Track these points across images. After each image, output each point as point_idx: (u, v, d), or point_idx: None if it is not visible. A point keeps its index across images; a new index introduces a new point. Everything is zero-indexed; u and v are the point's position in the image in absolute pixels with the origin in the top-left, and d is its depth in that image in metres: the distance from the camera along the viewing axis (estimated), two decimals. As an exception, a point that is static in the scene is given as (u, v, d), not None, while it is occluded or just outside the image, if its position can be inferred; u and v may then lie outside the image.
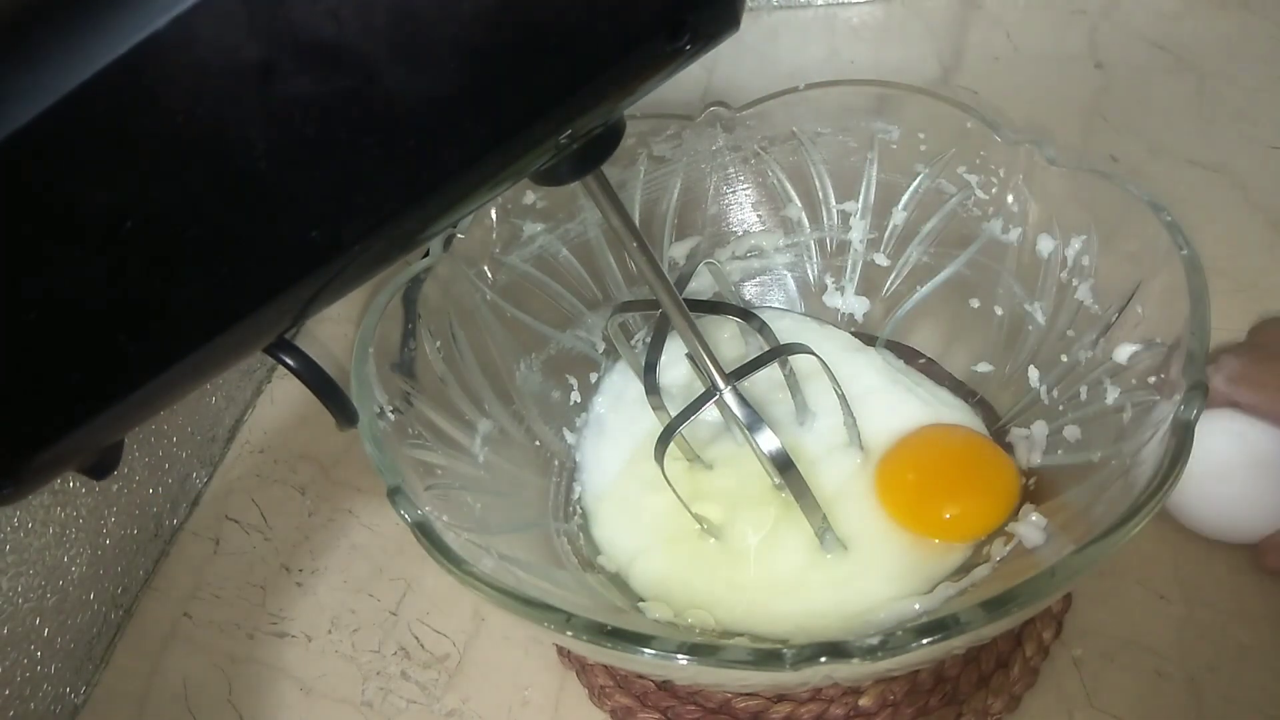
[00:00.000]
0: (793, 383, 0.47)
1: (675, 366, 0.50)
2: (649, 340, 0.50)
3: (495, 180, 0.25)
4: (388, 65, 0.21)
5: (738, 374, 0.40)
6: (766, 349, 0.43)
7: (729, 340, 0.53)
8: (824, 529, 0.41)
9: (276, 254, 0.23)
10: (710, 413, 0.42)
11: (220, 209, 0.22)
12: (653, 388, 0.44)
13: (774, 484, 0.45)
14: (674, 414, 0.42)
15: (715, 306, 0.47)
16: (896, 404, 0.48)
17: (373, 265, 0.25)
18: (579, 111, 0.24)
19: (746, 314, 0.45)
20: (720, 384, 0.39)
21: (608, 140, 0.29)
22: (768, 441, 0.39)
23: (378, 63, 0.21)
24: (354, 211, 0.23)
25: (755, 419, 0.39)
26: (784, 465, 0.39)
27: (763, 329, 0.45)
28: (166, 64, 0.20)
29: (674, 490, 0.42)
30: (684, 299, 0.38)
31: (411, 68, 0.21)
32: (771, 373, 0.44)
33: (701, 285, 0.53)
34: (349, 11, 0.20)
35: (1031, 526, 0.40)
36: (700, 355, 0.39)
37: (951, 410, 0.48)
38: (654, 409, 0.45)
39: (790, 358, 0.44)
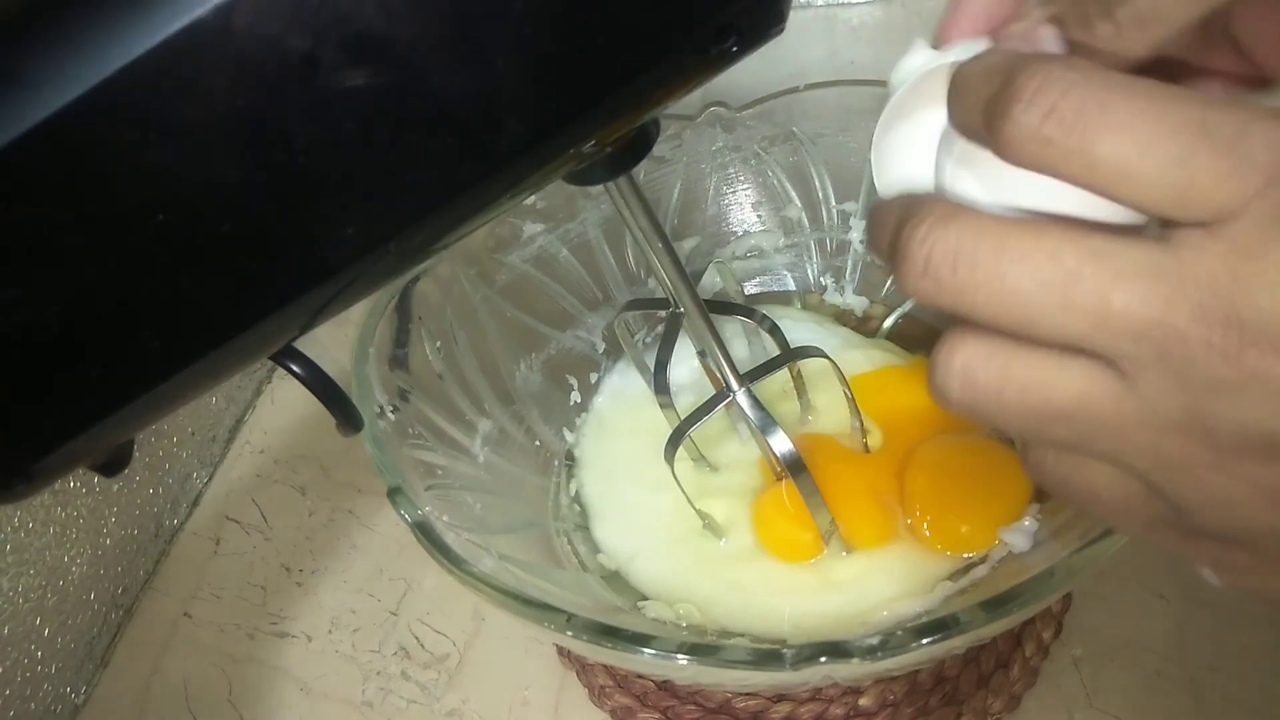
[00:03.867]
0: (800, 384, 0.47)
1: (677, 366, 0.50)
2: (649, 340, 0.50)
3: (530, 181, 0.25)
4: (433, 60, 0.20)
5: (751, 375, 0.40)
6: (773, 349, 0.43)
7: (730, 340, 0.53)
8: (831, 530, 0.41)
9: (309, 249, 0.22)
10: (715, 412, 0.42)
11: (255, 202, 0.21)
12: (663, 387, 0.44)
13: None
14: (680, 412, 0.41)
15: (726, 307, 0.47)
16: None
17: (401, 264, 0.25)
18: (619, 113, 0.24)
19: (757, 314, 0.45)
20: (735, 385, 0.39)
21: (644, 141, 0.29)
22: (781, 444, 0.39)
23: (423, 57, 0.20)
24: (391, 208, 0.22)
25: (769, 421, 0.39)
26: (796, 467, 0.39)
27: (773, 329, 0.44)
28: (207, 52, 0.19)
29: (682, 490, 0.42)
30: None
31: (457, 64, 0.20)
32: (778, 372, 0.44)
33: (701, 285, 0.53)
34: (397, 3, 0.19)
35: (1021, 533, 0.39)
36: (717, 356, 0.38)
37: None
38: (662, 408, 0.45)
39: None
